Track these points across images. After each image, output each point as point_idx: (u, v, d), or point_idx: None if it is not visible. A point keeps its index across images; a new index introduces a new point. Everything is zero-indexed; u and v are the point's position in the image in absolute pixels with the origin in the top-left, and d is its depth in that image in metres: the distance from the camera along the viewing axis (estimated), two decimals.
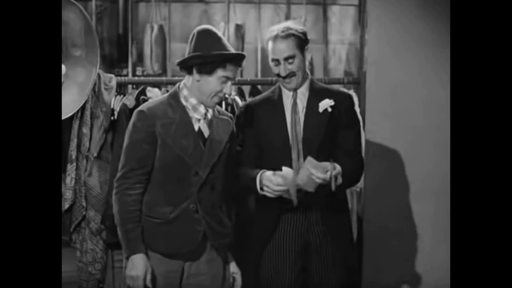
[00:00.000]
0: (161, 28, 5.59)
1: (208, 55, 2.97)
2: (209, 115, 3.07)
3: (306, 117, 3.25)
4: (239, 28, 6.08)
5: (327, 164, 3.01)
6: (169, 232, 2.99)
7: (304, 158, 3.11)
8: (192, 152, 3.00)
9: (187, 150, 2.99)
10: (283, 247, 3.25)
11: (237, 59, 3.00)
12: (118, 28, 6.44)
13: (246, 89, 4.39)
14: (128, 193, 2.97)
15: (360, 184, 4.04)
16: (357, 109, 4.06)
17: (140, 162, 2.98)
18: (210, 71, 2.98)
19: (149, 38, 5.91)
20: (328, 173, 2.99)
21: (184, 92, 3.06)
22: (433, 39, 3.80)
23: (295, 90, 3.27)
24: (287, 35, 3.19)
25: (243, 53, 3.04)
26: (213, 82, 2.99)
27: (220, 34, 3.05)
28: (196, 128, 3.04)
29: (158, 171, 3.01)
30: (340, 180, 3.06)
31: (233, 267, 3.18)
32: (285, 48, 3.19)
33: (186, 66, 3.04)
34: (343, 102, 3.29)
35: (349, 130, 3.29)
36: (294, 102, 3.27)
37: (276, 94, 3.32)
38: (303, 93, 3.29)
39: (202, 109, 3.05)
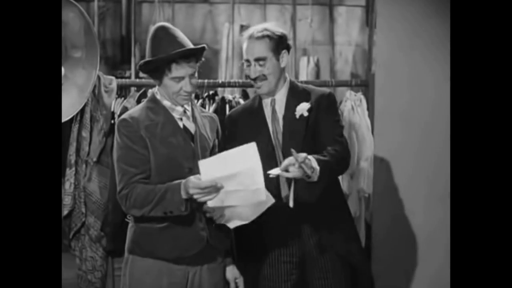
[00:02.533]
0: None
1: (149, 62, 2.92)
2: (189, 113, 3.02)
3: (284, 125, 3.15)
4: (244, 29, 5.77)
5: (289, 160, 2.88)
6: (173, 235, 2.92)
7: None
8: (182, 149, 2.95)
9: (177, 147, 2.94)
10: (278, 259, 3.15)
11: (184, 57, 2.90)
12: (121, 29, 6.48)
13: (251, 91, 4.24)
14: (137, 186, 2.89)
15: (368, 189, 4.03)
16: (365, 112, 4.05)
17: (139, 166, 2.91)
18: (158, 77, 2.95)
19: None
20: (295, 165, 2.86)
21: (158, 96, 3.02)
22: (443, 39, 3.70)
23: (272, 96, 3.18)
24: (262, 36, 3.10)
25: (190, 48, 2.91)
26: (167, 84, 2.94)
27: (172, 30, 2.95)
28: (181, 126, 3.00)
29: (154, 175, 2.93)
30: (313, 165, 2.90)
31: (234, 272, 3.10)
32: (257, 49, 3.10)
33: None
34: (322, 101, 3.17)
35: (329, 124, 3.15)
36: (273, 110, 3.18)
37: (256, 102, 3.23)
38: (281, 99, 3.19)
39: (179, 108, 3.00)
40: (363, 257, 3.31)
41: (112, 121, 3.74)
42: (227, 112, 3.83)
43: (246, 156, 2.75)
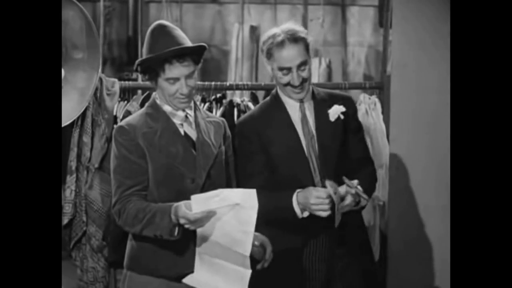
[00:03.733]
0: None
1: (142, 61, 2.79)
2: (191, 118, 2.87)
3: (318, 129, 3.02)
4: (254, 30, 6.16)
5: (342, 188, 2.83)
6: (174, 251, 2.76)
7: (321, 174, 2.96)
8: (183, 158, 2.80)
9: (176, 156, 2.79)
10: (305, 277, 3.01)
11: (177, 57, 2.75)
12: (127, 29, 6.45)
13: (260, 94, 4.20)
14: (131, 201, 2.75)
15: (384, 197, 3.96)
16: (380, 116, 3.98)
17: (135, 178, 2.78)
18: (153, 78, 2.81)
19: None
20: (350, 194, 2.82)
21: (158, 101, 2.89)
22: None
23: (301, 100, 3.04)
24: (296, 38, 2.93)
25: (182, 47, 2.75)
26: (163, 86, 2.77)
27: (169, 28, 2.81)
28: (182, 133, 2.85)
29: (152, 187, 2.80)
30: (361, 191, 2.86)
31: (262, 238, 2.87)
32: (297, 53, 2.92)
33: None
34: (349, 107, 3.08)
35: (357, 137, 3.10)
36: (304, 115, 3.03)
37: (276, 106, 3.05)
38: (308, 102, 3.05)
39: (180, 113, 2.85)
40: (375, 268, 3.27)
41: (115, 126, 3.58)
42: (235, 116, 3.73)
43: (245, 198, 2.60)
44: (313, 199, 2.81)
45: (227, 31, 6.51)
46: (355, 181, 2.83)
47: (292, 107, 3.02)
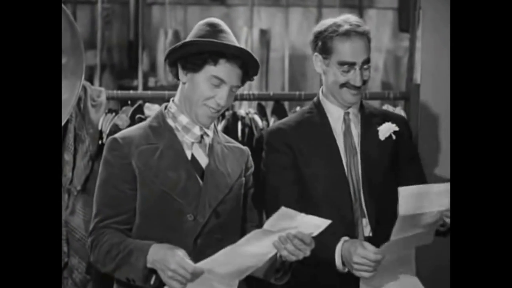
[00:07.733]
0: (176, 33, 5.74)
1: (193, 42, 2.37)
2: (208, 139, 2.46)
3: (363, 146, 2.71)
4: (264, 34, 6.07)
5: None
6: None
7: (364, 196, 2.68)
8: (184, 188, 2.37)
9: (176, 184, 2.36)
10: None
11: (235, 56, 2.36)
12: (128, 33, 6.45)
13: (269, 105, 3.99)
14: (105, 233, 2.38)
15: None
16: None
17: (116, 207, 2.36)
18: (196, 67, 2.36)
19: (162, 45, 5.97)
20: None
21: (172, 109, 2.47)
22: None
23: (345, 109, 2.77)
24: (362, 31, 2.68)
25: (250, 52, 2.41)
26: (200, 82, 2.36)
27: (224, 27, 2.46)
28: (189, 156, 2.42)
29: (140, 219, 2.38)
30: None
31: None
32: (364, 48, 2.68)
33: (172, 63, 2.45)
34: (403, 128, 2.82)
35: (417, 166, 2.83)
36: (347, 126, 2.74)
37: (316, 114, 2.76)
38: (354, 114, 2.76)
39: (196, 130, 2.43)
40: None
41: (100, 142, 3.42)
42: (239, 131, 3.44)
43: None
44: (357, 258, 2.42)
45: (235, 35, 6.33)
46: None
47: (335, 116, 2.74)
